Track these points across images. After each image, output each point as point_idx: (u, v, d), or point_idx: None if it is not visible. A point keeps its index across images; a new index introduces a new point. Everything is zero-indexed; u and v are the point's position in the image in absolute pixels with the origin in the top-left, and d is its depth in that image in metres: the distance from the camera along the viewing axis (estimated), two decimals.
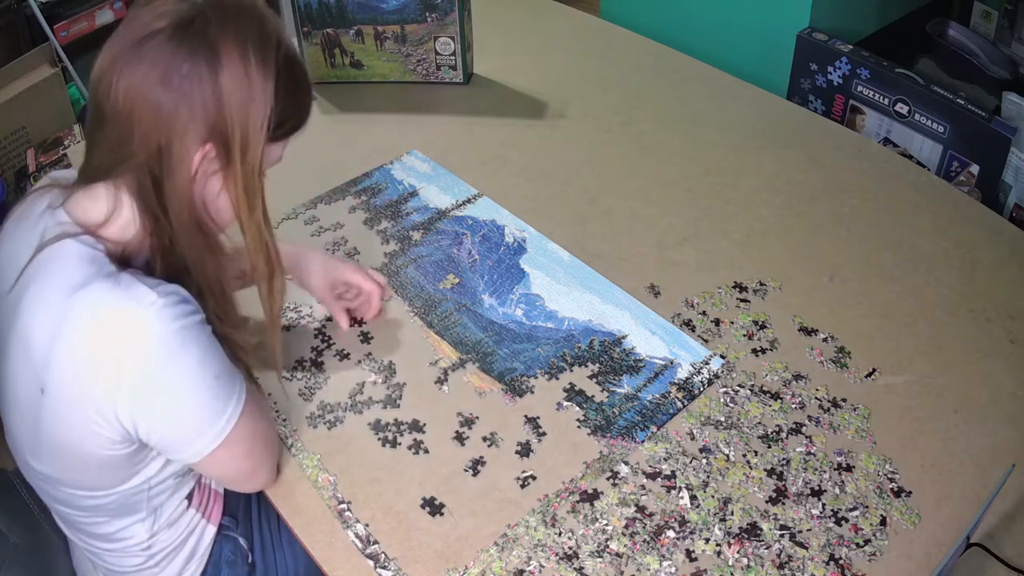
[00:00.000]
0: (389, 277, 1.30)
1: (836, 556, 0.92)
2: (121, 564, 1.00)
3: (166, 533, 0.99)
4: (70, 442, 0.86)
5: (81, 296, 0.80)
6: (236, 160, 0.81)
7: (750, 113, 1.64)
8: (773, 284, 1.26)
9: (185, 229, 0.84)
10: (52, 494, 0.96)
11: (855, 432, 1.05)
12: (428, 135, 1.61)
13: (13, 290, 0.85)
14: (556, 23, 2.00)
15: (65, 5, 2.48)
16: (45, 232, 0.84)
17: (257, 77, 0.79)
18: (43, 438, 0.87)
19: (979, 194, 1.53)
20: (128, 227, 0.85)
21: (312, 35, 1.72)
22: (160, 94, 0.77)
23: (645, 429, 1.06)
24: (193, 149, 0.80)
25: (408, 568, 0.93)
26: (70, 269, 0.81)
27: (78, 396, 0.82)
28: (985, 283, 1.24)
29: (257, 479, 0.99)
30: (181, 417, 0.86)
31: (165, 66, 0.77)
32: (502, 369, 1.15)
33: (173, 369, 0.82)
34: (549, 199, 1.44)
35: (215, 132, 0.80)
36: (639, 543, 0.94)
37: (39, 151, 2.32)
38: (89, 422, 0.83)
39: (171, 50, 0.77)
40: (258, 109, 0.80)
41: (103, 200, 0.85)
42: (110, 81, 0.78)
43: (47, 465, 0.91)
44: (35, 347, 0.82)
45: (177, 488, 0.99)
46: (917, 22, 2.07)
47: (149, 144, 0.79)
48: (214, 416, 0.87)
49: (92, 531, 0.98)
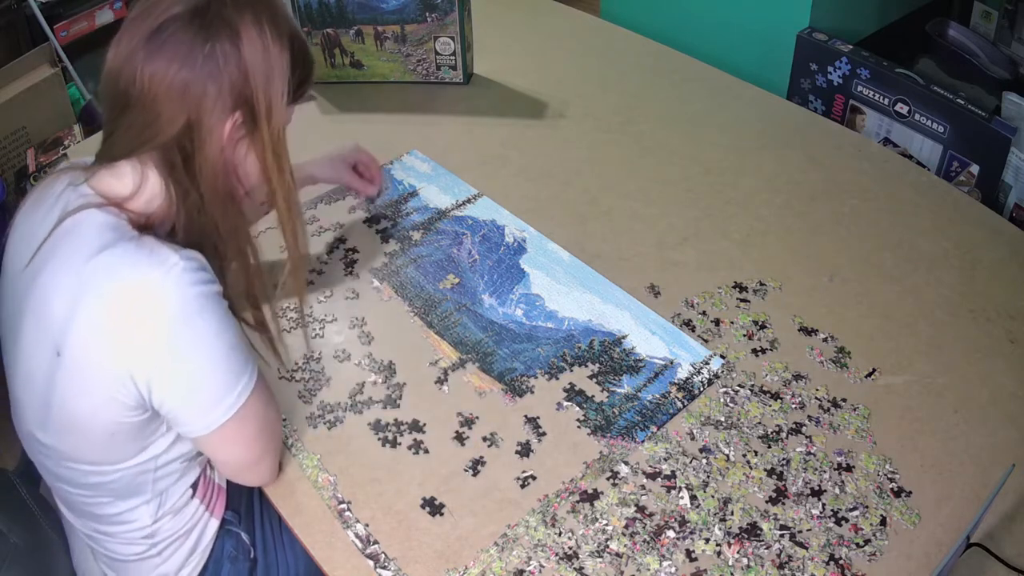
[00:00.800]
0: (389, 277, 1.30)
1: (836, 556, 0.92)
2: (122, 552, 1.00)
3: (170, 522, 0.99)
4: (81, 409, 0.87)
5: (103, 257, 0.83)
6: (263, 127, 0.88)
7: (750, 113, 1.64)
8: (773, 284, 1.26)
9: (217, 197, 0.89)
10: (55, 472, 0.96)
11: (855, 432, 1.05)
12: (428, 135, 1.61)
13: (32, 262, 0.87)
14: (556, 23, 2.00)
15: (65, 5, 2.48)
16: (67, 206, 0.87)
17: (274, 50, 0.87)
18: (53, 407, 0.88)
19: (979, 194, 1.53)
20: (153, 200, 0.89)
21: (312, 35, 1.72)
22: (187, 74, 0.83)
23: (645, 429, 1.06)
24: (223, 120, 0.86)
25: (408, 568, 0.93)
26: (92, 235, 0.84)
27: (95, 356, 0.84)
28: (985, 283, 1.24)
29: (261, 469, 0.99)
30: (194, 384, 0.87)
31: (189, 48, 0.83)
32: (502, 369, 1.15)
33: (190, 333, 0.84)
34: (549, 199, 1.44)
35: (242, 102, 0.86)
36: (639, 543, 0.94)
37: (39, 151, 2.32)
38: (103, 384, 0.84)
39: (192, 33, 0.83)
40: (278, 78, 0.87)
41: (128, 176, 0.88)
42: (134, 68, 0.83)
43: (54, 437, 0.91)
44: (54, 312, 0.84)
45: (183, 474, 0.99)
46: (917, 22, 2.07)
47: (177, 121, 0.84)
48: (227, 388, 0.88)
49: (94, 512, 0.98)
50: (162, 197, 0.89)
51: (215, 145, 0.86)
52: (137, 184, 0.88)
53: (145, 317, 0.82)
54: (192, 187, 0.88)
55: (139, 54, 0.83)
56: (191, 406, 0.88)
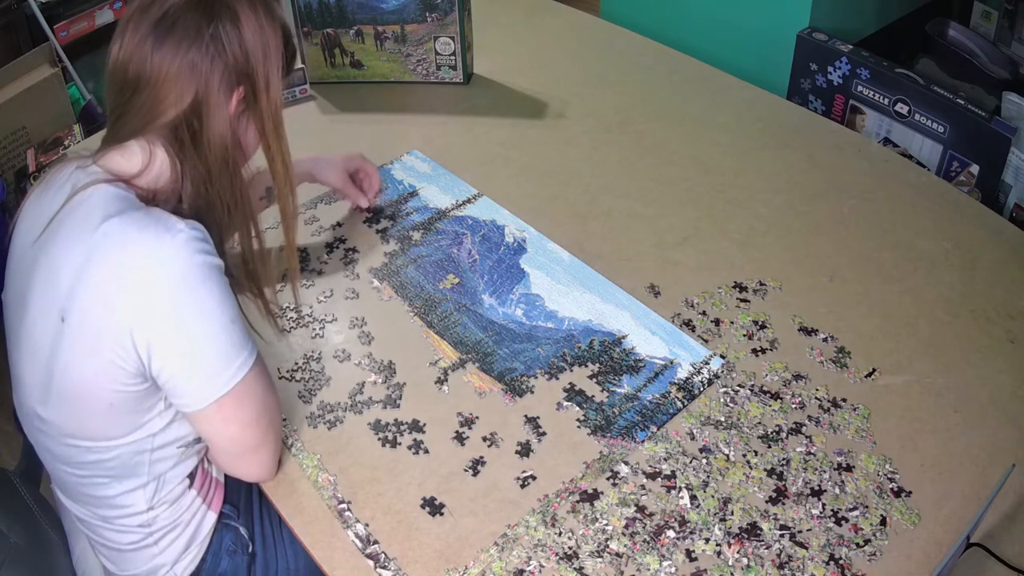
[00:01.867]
0: (389, 277, 1.30)
1: (836, 556, 0.92)
2: (119, 540, 1.01)
3: (166, 511, 1.00)
4: (82, 376, 0.88)
5: (112, 222, 0.87)
6: (263, 99, 0.95)
7: (750, 113, 1.64)
8: (773, 284, 1.26)
9: (225, 170, 0.95)
10: (54, 451, 0.97)
11: (855, 432, 1.05)
12: (428, 135, 1.61)
13: (41, 237, 0.91)
14: (556, 23, 2.00)
15: (65, 5, 2.48)
16: (76, 183, 0.91)
17: (269, 29, 0.94)
18: (56, 375, 0.90)
19: (979, 194, 1.53)
20: (160, 176, 0.94)
21: (312, 35, 1.72)
22: (195, 54, 0.89)
23: (645, 429, 1.06)
24: (229, 95, 0.92)
25: (408, 568, 0.93)
26: (101, 205, 0.88)
27: (99, 318, 0.86)
28: (985, 283, 1.24)
29: (259, 459, 0.99)
30: (194, 351, 0.89)
31: (195, 31, 0.89)
32: (502, 369, 1.15)
33: (193, 299, 0.87)
34: (549, 199, 1.44)
35: (244, 77, 0.93)
36: (639, 543, 0.94)
37: (39, 151, 2.32)
38: (104, 347, 0.86)
39: (197, 17, 0.89)
40: (274, 54, 0.95)
41: (137, 154, 0.93)
42: (144, 55, 0.89)
43: (54, 410, 0.93)
44: (62, 279, 0.87)
45: (179, 461, 0.99)
46: (917, 22, 2.07)
47: (185, 98, 0.90)
48: (226, 359, 0.90)
49: (91, 494, 0.98)
50: (169, 172, 0.94)
51: (222, 119, 0.92)
52: (145, 162, 0.92)
53: (150, 279, 0.86)
54: (200, 161, 0.93)
55: (148, 42, 0.88)
56: (190, 375, 0.89)
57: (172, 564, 1.02)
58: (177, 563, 1.02)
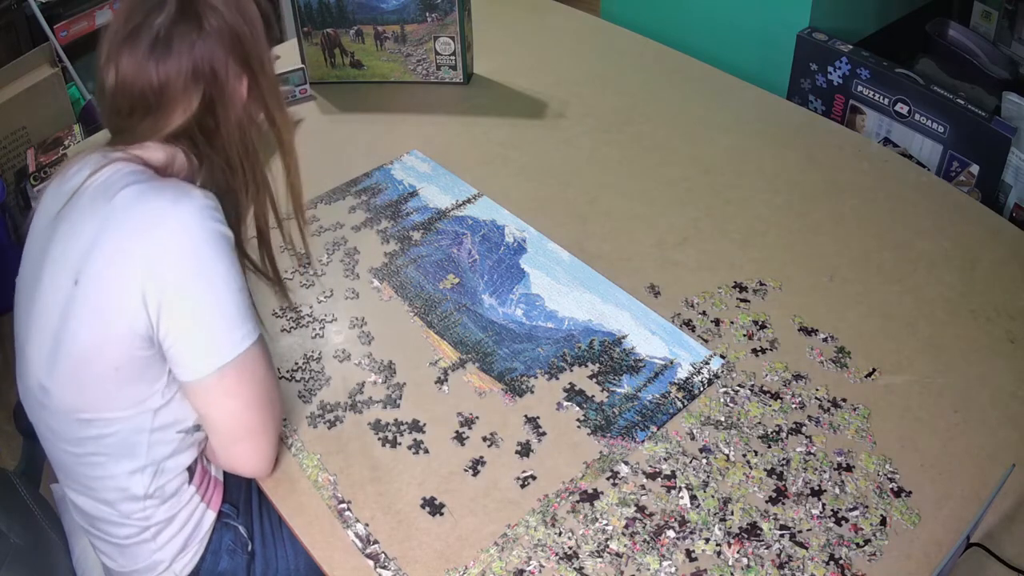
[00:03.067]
0: (389, 277, 1.30)
1: (836, 556, 0.92)
2: (117, 534, 1.01)
3: (164, 505, 1.00)
4: (91, 337, 0.90)
5: (130, 189, 0.90)
6: (261, 76, 0.99)
7: (750, 113, 1.64)
8: (773, 284, 1.26)
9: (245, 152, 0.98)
10: (54, 428, 0.97)
11: (855, 432, 1.05)
12: (428, 135, 1.61)
13: (61, 211, 0.93)
14: (556, 23, 2.00)
15: (65, 5, 2.48)
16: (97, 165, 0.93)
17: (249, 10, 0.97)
18: (64, 342, 0.91)
19: (979, 194, 1.53)
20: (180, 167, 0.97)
21: (312, 35, 1.72)
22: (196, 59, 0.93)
23: (645, 429, 1.06)
24: (238, 84, 0.96)
25: (408, 568, 0.93)
26: (119, 179, 0.91)
27: (113, 281, 0.89)
28: (985, 283, 1.24)
29: (256, 447, 0.98)
30: (201, 315, 0.91)
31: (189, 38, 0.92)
32: (502, 369, 1.15)
33: (204, 263, 0.90)
34: (549, 199, 1.44)
35: (243, 61, 0.96)
36: (639, 543, 0.94)
37: (39, 151, 2.32)
38: (115, 305, 0.89)
39: (184, 25, 0.92)
40: (259, 32, 0.98)
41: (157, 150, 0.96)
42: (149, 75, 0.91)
43: (59, 380, 0.94)
44: (78, 244, 0.90)
45: (178, 449, 0.99)
46: (917, 22, 2.06)
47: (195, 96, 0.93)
48: (230, 329, 0.91)
49: (90, 474, 0.98)
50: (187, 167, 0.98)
51: (236, 106, 0.96)
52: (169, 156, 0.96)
53: (165, 240, 0.88)
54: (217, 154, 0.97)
55: (149, 63, 0.91)
56: (194, 340, 0.91)
57: (171, 561, 1.02)
58: (176, 560, 1.02)
